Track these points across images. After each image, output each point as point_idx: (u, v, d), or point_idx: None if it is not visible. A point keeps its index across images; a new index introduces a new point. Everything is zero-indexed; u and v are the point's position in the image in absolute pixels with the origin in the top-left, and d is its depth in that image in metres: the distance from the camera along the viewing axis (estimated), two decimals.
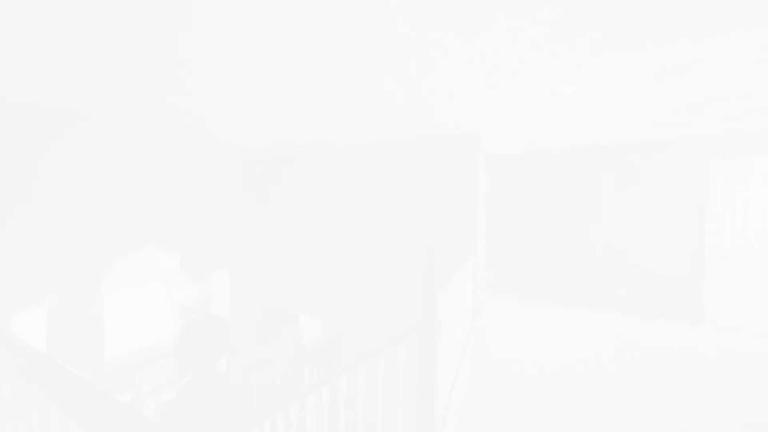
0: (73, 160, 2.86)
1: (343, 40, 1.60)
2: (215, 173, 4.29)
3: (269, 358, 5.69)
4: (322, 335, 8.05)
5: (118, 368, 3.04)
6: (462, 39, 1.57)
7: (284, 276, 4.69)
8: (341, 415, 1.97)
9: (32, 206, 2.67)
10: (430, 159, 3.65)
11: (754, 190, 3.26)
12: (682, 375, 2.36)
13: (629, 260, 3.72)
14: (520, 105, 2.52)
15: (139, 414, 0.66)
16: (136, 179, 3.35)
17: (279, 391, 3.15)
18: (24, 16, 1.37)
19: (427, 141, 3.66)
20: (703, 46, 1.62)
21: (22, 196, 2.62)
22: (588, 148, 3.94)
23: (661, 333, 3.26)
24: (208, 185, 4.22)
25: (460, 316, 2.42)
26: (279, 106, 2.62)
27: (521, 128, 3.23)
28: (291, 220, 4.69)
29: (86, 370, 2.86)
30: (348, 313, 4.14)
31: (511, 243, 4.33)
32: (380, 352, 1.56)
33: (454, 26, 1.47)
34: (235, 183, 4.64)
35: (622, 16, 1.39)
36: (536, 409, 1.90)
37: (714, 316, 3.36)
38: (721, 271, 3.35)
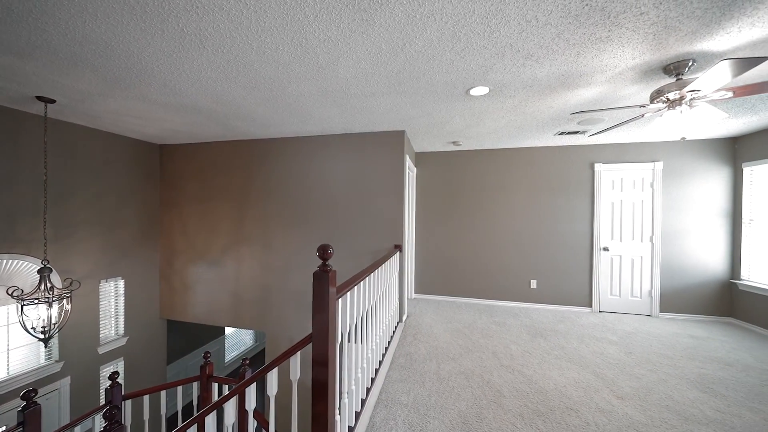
0: None
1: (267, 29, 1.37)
2: (105, 163, 3.53)
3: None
4: (251, 346, 7.41)
5: None
6: (362, 29, 1.48)
7: (200, 284, 4.12)
8: None
9: None
10: (356, 154, 3.55)
11: (628, 191, 3.91)
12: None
13: (539, 255, 4.14)
14: (436, 103, 2.55)
15: None
16: None
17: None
18: None
19: (353, 136, 3.55)
20: (584, 59, 1.79)
21: None
22: (504, 150, 4.27)
23: (560, 316, 3.68)
24: (95, 178, 3.45)
25: (381, 317, 2.35)
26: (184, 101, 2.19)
27: (444, 127, 3.32)
28: (205, 218, 4.13)
29: None
30: (274, 321, 3.81)
31: (439, 241, 4.48)
32: (274, 365, 1.38)
33: (352, 15, 1.36)
34: (133, 176, 3.90)
35: (519, 25, 1.44)
36: (452, 412, 1.91)
37: (599, 300, 3.93)
38: (603, 261, 3.94)
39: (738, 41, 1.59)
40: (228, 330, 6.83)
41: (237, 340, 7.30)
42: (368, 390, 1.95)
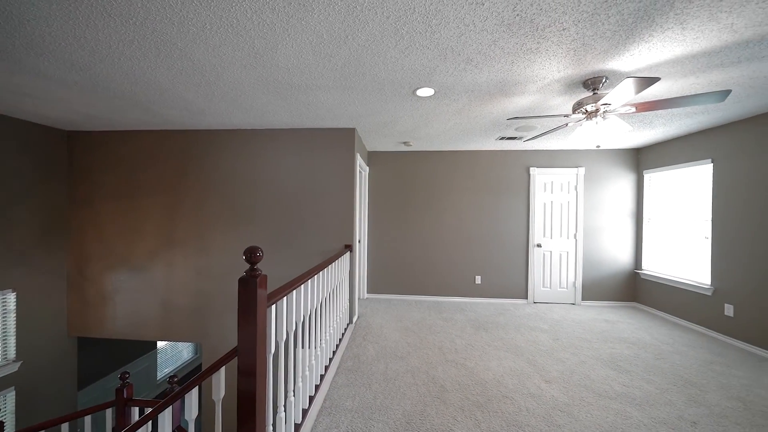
0: None
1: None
2: None
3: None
4: (189, 359, 6.72)
5: None
6: (300, 14, 1.39)
7: (122, 294, 3.58)
8: None
9: None
10: (305, 150, 3.40)
11: (557, 193, 4.33)
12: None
13: (482, 252, 4.39)
14: (384, 101, 2.54)
15: None
16: None
17: None
18: None
19: (302, 131, 3.39)
20: (518, 68, 1.92)
21: None
22: (451, 152, 4.45)
23: (500, 307, 3.95)
24: None
25: (327, 321, 2.26)
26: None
27: (394, 126, 3.33)
28: (128, 218, 3.61)
29: None
30: (213, 331, 3.46)
31: (391, 240, 4.51)
32: (194, 385, 1.22)
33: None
34: (30, 167, 3.23)
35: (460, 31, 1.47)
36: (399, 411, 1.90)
37: (533, 292, 4.30)
38: (537, 257, 4.32)
39: (640, 63, 1.83)
40: (161, 343, 6.11)
41: (172, 354, 6.57)
42: (311, 399, 1.85)
